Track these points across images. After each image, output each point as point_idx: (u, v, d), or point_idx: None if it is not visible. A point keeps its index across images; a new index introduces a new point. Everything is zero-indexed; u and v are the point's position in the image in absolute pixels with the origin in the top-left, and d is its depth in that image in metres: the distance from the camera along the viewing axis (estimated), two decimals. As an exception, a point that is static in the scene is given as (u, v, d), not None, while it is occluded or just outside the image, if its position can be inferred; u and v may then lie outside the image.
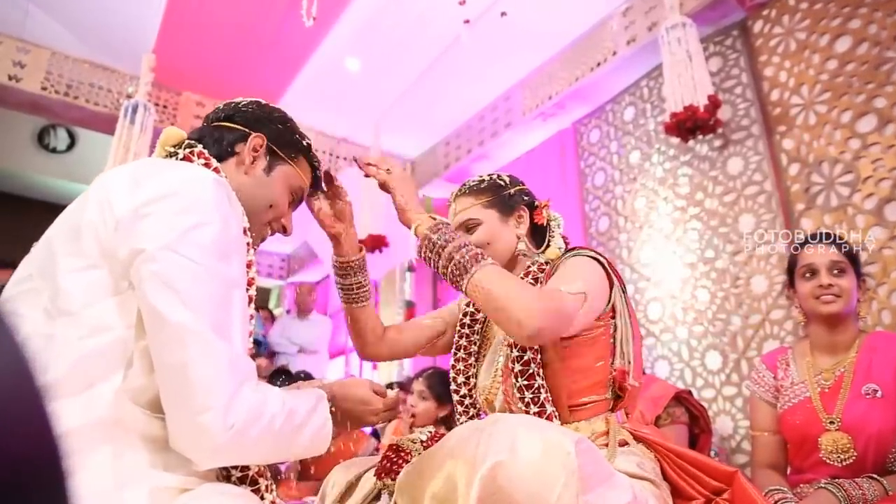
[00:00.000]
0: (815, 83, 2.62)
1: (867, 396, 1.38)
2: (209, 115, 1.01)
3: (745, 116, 2.88)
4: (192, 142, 0.93)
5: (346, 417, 0.95)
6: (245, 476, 0.82)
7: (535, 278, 1.13)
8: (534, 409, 1.02)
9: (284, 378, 3.07)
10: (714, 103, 2.64)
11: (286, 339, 4.83)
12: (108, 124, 3.68)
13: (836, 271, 1.47)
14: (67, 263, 0.75)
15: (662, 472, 1.01)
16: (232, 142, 0.96)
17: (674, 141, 3.09)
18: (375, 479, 1.05)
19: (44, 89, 3.71)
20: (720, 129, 2.84)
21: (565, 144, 3.94)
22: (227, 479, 0.82)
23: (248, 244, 0.87)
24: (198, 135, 0.97)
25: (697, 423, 2.07)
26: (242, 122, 0.98)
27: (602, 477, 0.75)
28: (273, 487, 0.87)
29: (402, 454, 1.07)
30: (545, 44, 3.74)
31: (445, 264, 0.98)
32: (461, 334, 1.25)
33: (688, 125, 2.67)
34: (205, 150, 0.92)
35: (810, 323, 1.54)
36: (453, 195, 1.25)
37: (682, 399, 2.08)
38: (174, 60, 3.80)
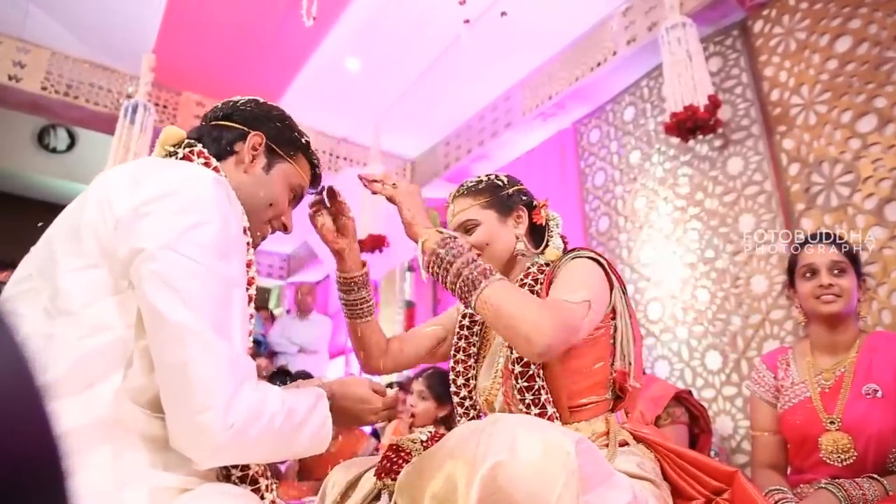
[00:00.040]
0: (816, 83, 2.62)
1: (867, 396, 1.38)
2: (207, 114, 1.01)
3: (745, 116, 2.88)
4: (192, 141, 0.93)
5: (345, 416, 0.95)
6: (245, 476, 0.82)
7: (535, 279, 1.13)
8: (535, 410, 1.02)
9: (284, 378, 3.06)
10: (714, 103, 2.64)
11: (286, 339, 4.83)
12: (108, 124, 3.68)
13: (836, 271, 1.47)
14: (67, 263, 0.75)
15: (662, 472, 1.01)
16: (231, 140, 0.96)
17: (674, 141, 3.09)
18: (375, 479, 1.05)
19: (44, 89, 3.71)
20: (720, 129, 2.84)
21: (565, 144, 3.94)
22: (227, 478, 0.82)
23: (248, 243, 0.87)
24: (197, 134, 0.97)
25: (697, 423, 2.07)
26: (241, 120, 0.98)
27: (602, 477, 0.75)
28: (273, 487, 0.86)
29: (402, 454, 1.07)
30: (545, 44, 3.74)
31: (454, 280, 0.99)
32: (460, 336, 1.25)
33: (688, 125, 2.67)
34: (204, 150, 0.92)
35: (810, 323, 1.54)
36: (451, 196, 1.25)
37: (682, 399, 2.08)
38: (174, 60, 3.80)
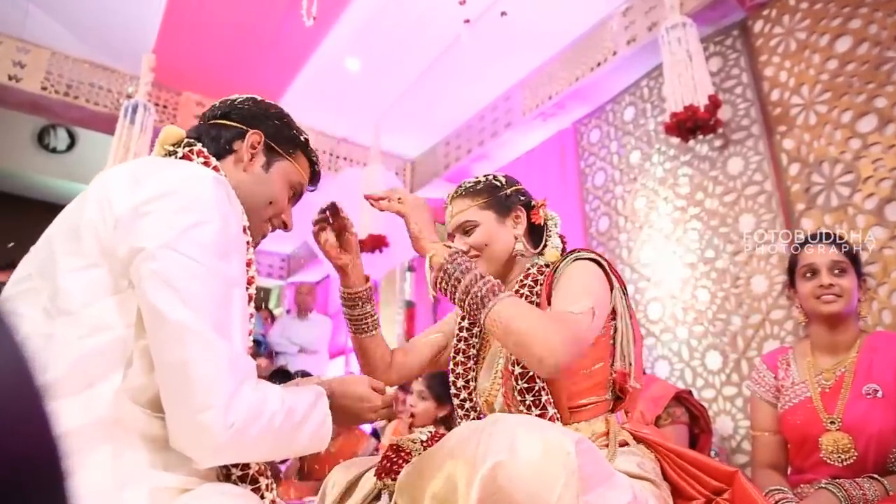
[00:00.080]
0: (816, 83, 2.62)
1: (868, 396, 1.38)
2: (206, 113, 1.01)
3: (745, 116, 2.87)
4: (192, 140, 0.93)
5: (345, 414, 0.95)
6: (245, 475, 0.82)
7: (534, 280, 1.13)
8: (535, 411, 1.02)
9: (284, 379, 3.06)
10: (714, 103, 2.63)
11: (286, 339, 4.83)
12: (108, 124, 3.67)
13: (836, 271, 1.47)
14: (67, 263, 0.75)
15: (663, 472, 1.01)
16: (229, 139, 0.96)
17: (674, 141, 3.09)
18: (375, 479, 1.05)
19: (44, 89, 3.71)
20: (720, 129, 2.84)
21: (565, 144, 3.93)
22: (227, 478, 0.82)
23: (248, 243, 0.87)
24: (196, 133, 0.97)
25: (698, 423, 2.07)
26: (239, 119, 0.98)
27: (602, 477, 0.75)
28: (273, 487, 0.86)
29: (402, 454, 1.07)
30: (545, 44, 3.74)
31: (462, 297, 0.99)
32: (460, 338, 1.25)
33: (688, 125, 2.67)
34: (204, 149, 0.92)
35: (811, 323, 1.54)
36: (449, 197, 1.24)
37: (683, 399, 2.08)
38: (174, 60, 3.80)
